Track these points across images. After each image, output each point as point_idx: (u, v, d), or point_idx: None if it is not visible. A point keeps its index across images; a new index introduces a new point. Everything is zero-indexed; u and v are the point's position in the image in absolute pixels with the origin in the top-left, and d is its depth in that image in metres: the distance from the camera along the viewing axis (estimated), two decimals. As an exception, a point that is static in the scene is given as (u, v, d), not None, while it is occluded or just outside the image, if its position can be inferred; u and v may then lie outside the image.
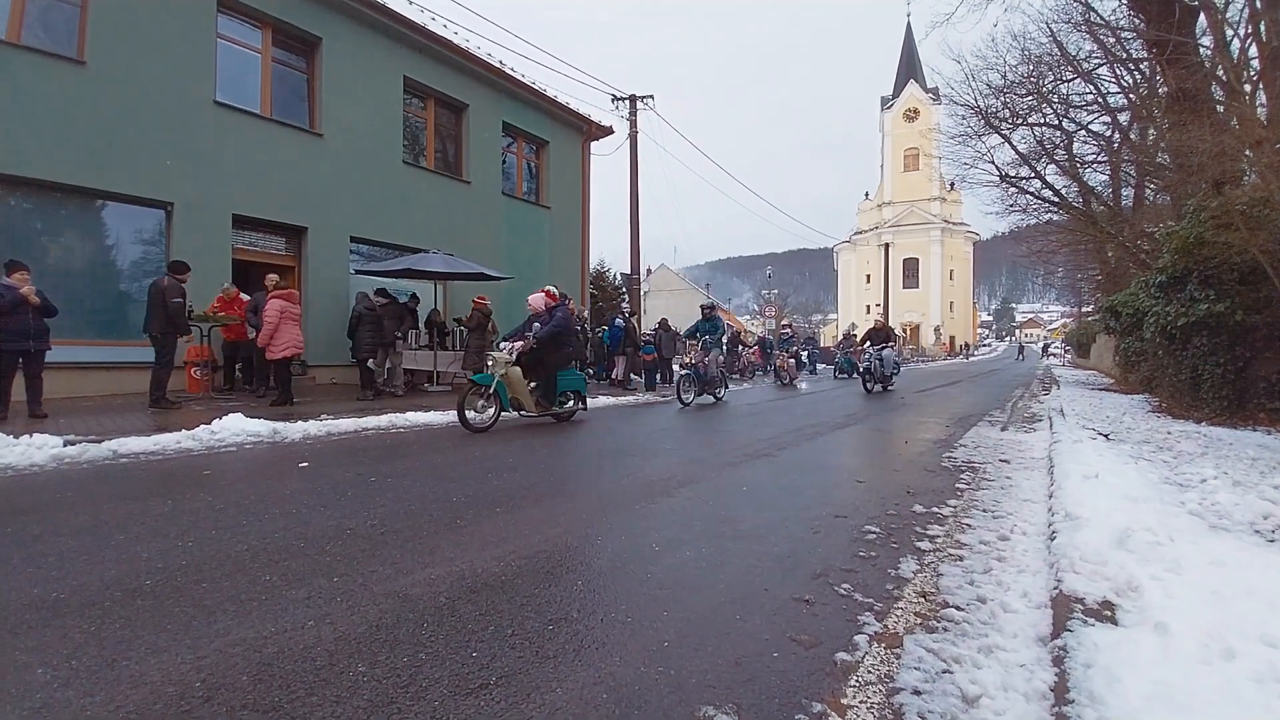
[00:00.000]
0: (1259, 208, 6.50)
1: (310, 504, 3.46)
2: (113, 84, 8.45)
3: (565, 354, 7.48)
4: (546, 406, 7.18)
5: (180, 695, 1.57)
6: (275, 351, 7.72)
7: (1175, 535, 2.70)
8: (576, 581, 2.43)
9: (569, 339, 7.56)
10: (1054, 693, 1.68)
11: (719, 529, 3.16)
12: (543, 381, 7.16)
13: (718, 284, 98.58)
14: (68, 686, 1.60)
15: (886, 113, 66.45)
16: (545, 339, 7.09)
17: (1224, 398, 7.43)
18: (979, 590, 2.43)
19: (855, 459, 5.59)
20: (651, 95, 17.81)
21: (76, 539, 2.77)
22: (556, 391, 7.28)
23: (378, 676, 1.68)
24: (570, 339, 7.65)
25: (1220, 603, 2.04)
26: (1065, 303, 59.75)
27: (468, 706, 1.56)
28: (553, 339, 7.16)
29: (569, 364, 7.66)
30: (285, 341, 7.72)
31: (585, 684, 1.68)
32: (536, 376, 7.13)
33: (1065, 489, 3.58)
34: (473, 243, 13.38)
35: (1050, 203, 15.37)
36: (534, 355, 7.07)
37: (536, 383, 7.12)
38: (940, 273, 64.17)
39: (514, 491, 3.86)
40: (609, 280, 27.88)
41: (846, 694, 1.69)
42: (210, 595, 2.19)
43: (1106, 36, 11.63)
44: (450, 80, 13.30)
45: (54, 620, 1.97)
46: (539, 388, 7.13)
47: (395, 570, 2.46)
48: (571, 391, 7.60)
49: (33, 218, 8.16)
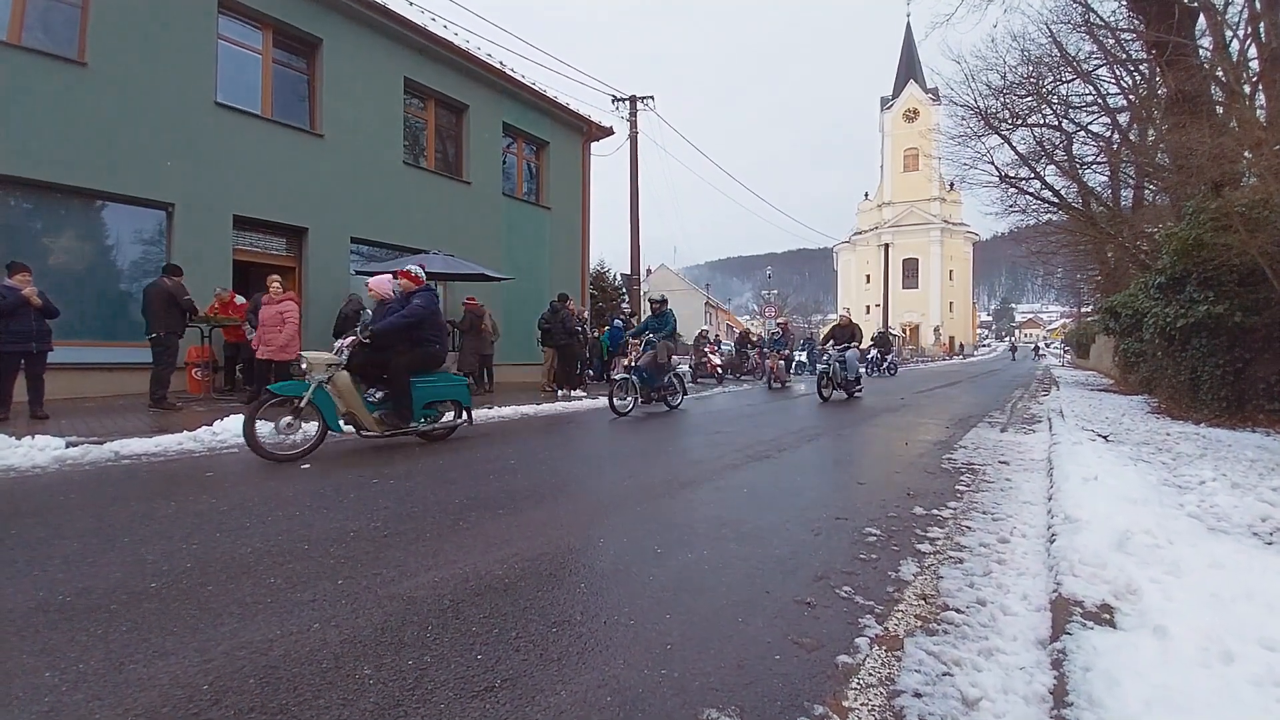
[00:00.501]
0: (1258, 209, 6.52)
1: (313, 506, 3.47)
2: (113, 85, 8.46)
3: (427, 353, 5.74)
4: (399, 422, 5.48)
5: (188, 698, 1.58)
6: (291, 352, 7.67)
7: (1174, 538, 2.72)
8: (579, 584, 2.44)
9: (433, 333, 5.81)
10: (1053, 695, 1.69)
11: (720, 531, 3.17)
12: (393, 390, 5.50)
13: (718, 284, 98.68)
14: (76, 690, 1.62)
15: (886, 113, 66.49)
16: (387, 332, 5.42)
17: (1223, 399, 7.45)
18: (979, 593, 2.45)
19: (856, 460, 5.61)
20: (652, 96, 17.83)
21: (81, 541, 2.79)
22: (417, 403, 5.60)
23: (384, 679, 1.70)
24: (436, 333, 5.87)
25: (1219, 605, 2.05)
26: (1065, 303, 59.78)
27: (474, 709, 1.57)
28: (402, 332, 5.54)
29: (436, 365, 5.90)
30: (296, 344, 7.80)
31: (590, 686, 1.70)
32: (383, 383, 5.54)
33: (1065, 491, 3.60)
34: (473, 243, 13.39)
35: (1050, 203, 15.39)
36: (374, 354, 5.46)
37: (384, 392, 5.53)
38: (940, 273, 64.22)
39: (515, 493, 3.87)
40: (609, 280, 27.88)
41: (848, 696, 1.71)
42: (216, 598, 2.20)
43: (1106, 37, 11.66)
44: (450, 81, 13.31)
45: (61, 623, 1.99)
46: (387, 398, 5.52)
47: (399, 573, 2.48)
48: (449, 402, 6.00)
49: (34, 218, 8.17)
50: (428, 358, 5.76)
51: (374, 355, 5.45)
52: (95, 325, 8.49)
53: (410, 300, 5.74)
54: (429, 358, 5.78)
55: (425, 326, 5.71)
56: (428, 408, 5.74)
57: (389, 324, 5.47)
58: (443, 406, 5.95)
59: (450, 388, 5.98)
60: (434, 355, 5.83)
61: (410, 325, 5.56)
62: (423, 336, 5.70)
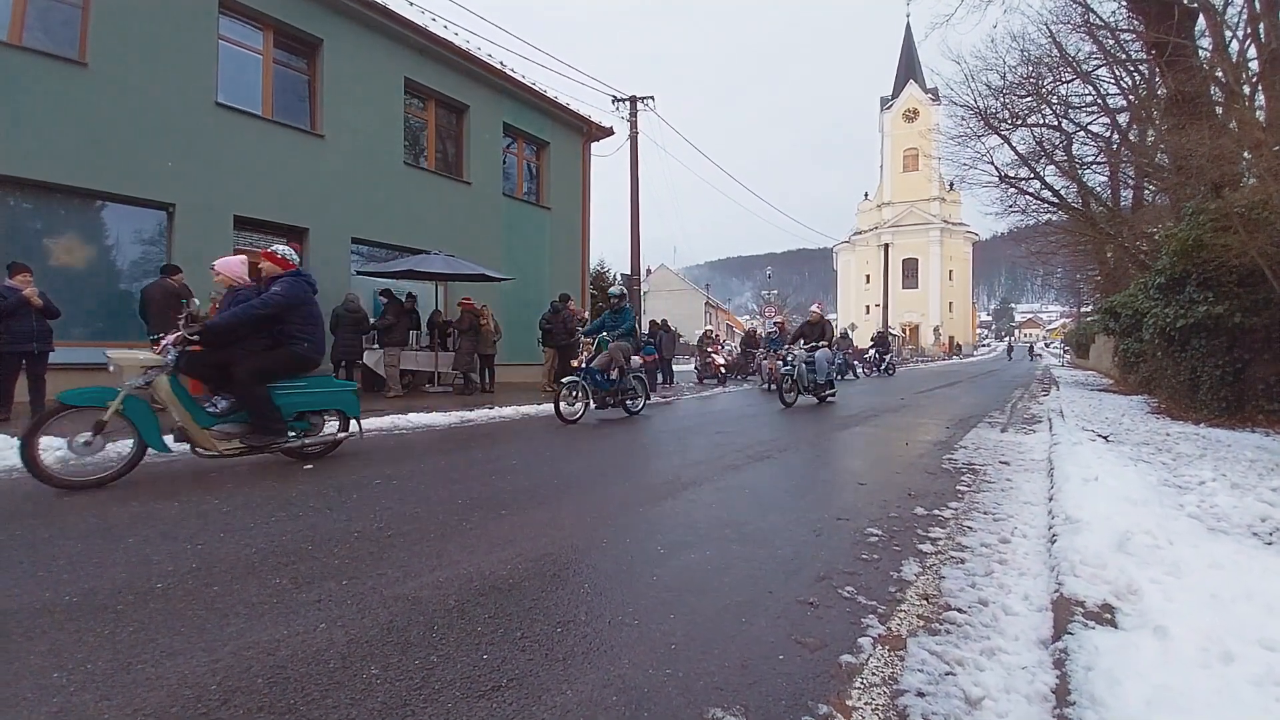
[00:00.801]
0: (1258, 210, 6.54)
1: (316, 506, 3.48)
2: (114, 85, 8.47)
3: (291, 355, 4.60)
4: (255, 439, 4.38)
5: (197, 698, 1.59)
6: None
7: (1174, 538, 2.73)
8: (583, 584, 2.45)
9: (300, 329, 4.63)
10: (1055, 695, 1.71)
11: (722, 531, 3.19)
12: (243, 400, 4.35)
13: (717, 284, 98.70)
14: (84, 690, 1.62)
15: (886, 113, 66.55)
16: (225, 329, 4.33)
17: (1222, 399, 7.48)
18: (981, 593, 2.46)
19: (857, 461, 5.62)
20: (652, 96, 17.83)
21: (85, 542, 2.80)
22: (280, 413, 4.46)
23: (391, 679, 1.71)
24: (306, 329, 4.67)
25: (1219, 606, 2.07)
26: (1064, 303, 59.87)
27: (481, 708, 1.58)
28: (249, 327, 4.44)
29: (304, 368, 4.75)
30: None
31: (595, 686, 1.71)
32: (229, 390, 4.39)
33: (1065, 491, 3.61)
34: (473, 243, 13.40)
35: (1049, 203, 15.44)
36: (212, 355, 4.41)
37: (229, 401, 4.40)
38: (939, 273, 64.29)
39: (518, 494, 3.88)
40: (609, 280, 27.90)
41: (851, 696, 1.72)
42: (222, 598, 2.21)
43: (1106, 38, 11.69)
44: (451, 81, 13.32)
45: (68, 624, 1.99)
46: (235, 407, 4.38)
47: (404, 573, 2.49)
48: (332, 413, 4.98)
49: (34, 219, 8.17)
50: (291, 360, 4.63)
51: (214, 355, 4.40)
52: (96, 326, 8.50)
53: (272, 285, 4.61)
54: (293, 360, 4.63)
55: (289, 321, 4.59)
56: (299, 419, 4.71)
57: (230, 318, 4.38)
58: (320, 417, 4.91)
59: (330, 395, 4.97)
60: (298, 357, 4.65)
61: (261, 319, 4.46)
62: (287, 333, 4.59)
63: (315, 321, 4.82)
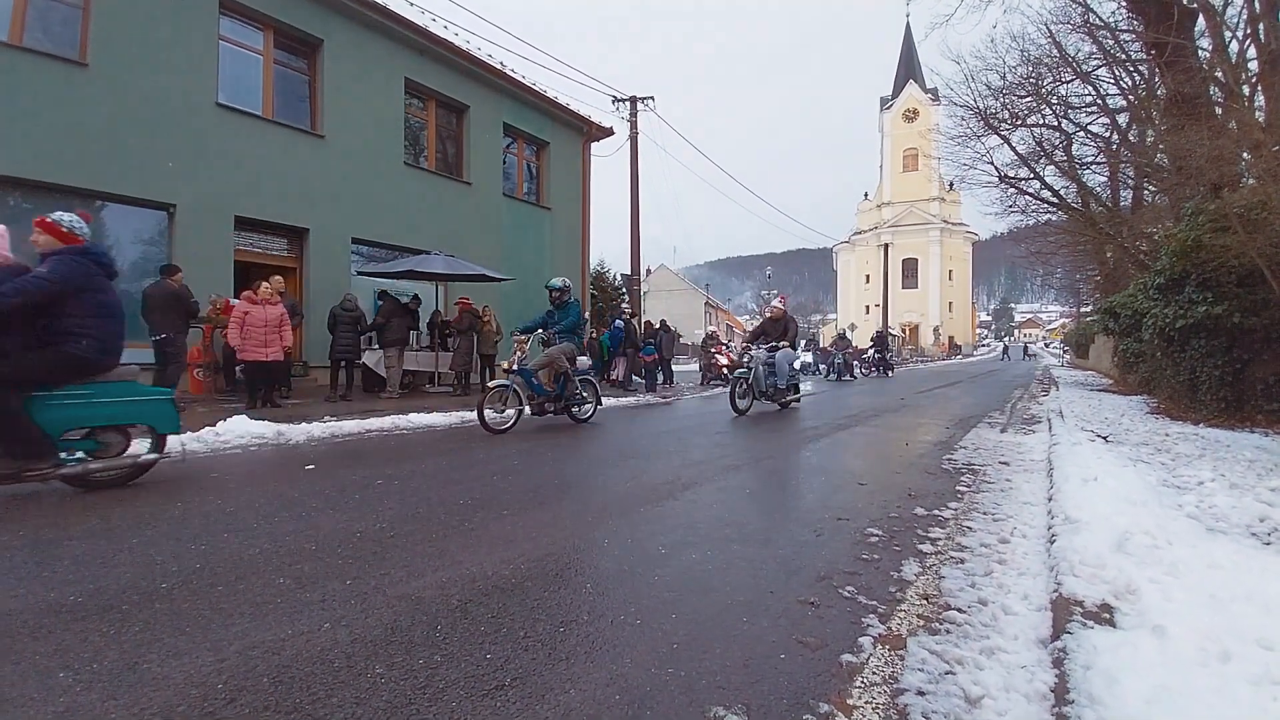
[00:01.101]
0: (1257, 211, 6.55)
1: (318, 506, 3.49)
2: (115, 86, 8.48)
3: (59, 356, 3.51)
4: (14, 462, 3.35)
5: (203, 697, 1.61)
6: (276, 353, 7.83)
7: (1173, 538, 2.74)
8: (586, 584, 2.47)
9: (79, 322, 3.56)
10: (1054, 694, 1.72)
11: (723, 531, 3.20)
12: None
13: (717, 284, 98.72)
14: (90, 689, 1.63)
15: (886, 113, 66.57)
16: None
17: (1222, 399, 7.49)
18: (980, 593, 2.47)
19: (856, 461, 5.63)
20: (652, 96, 17.84)
21: (89, 542, 2.81)
22: (38, 431, 3.42)
23: (395, 678, 1.72)
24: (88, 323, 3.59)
25: (1217, 606, 2.08)
26: (1064, 303, 59.87)
27: (485, 707, 1.59)
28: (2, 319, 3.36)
29: (82, 372, 3.63)
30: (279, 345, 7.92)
31: (598, 685, 1.72)
32: None
33: (1064, 492, 3.63)
34: (473, 244, 13.42)
35: (1049, 204, 15.45)
36: None
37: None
38: (939, 273, 64.33)
39: (519, 494, 3.90)
40: (609, 280, 27.90)
41: (852, 695, 1.73)
42: (226, 598, 2.22)
43: (1105, 38, 11.70)
44: (451, 81, 13.33)
45: (73, 623, 2.01)
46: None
47: (407, 573, 2.50)
48: (136, 428, 3.92)
49: (34, 219, 8.17)
50: (61, 364, 3.51)
51: None
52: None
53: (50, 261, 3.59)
54: (64, 364, 3.52)
55: (64, 313, 3.53)
56: (85, 437, 3.70)
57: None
58: (118, 435, 3.84)
59: (130, 406, 3.80)
60: (73, 359, 3.54)
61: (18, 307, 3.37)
62: (61, 329, 3.52)
63: (105, 313, 3.69)
